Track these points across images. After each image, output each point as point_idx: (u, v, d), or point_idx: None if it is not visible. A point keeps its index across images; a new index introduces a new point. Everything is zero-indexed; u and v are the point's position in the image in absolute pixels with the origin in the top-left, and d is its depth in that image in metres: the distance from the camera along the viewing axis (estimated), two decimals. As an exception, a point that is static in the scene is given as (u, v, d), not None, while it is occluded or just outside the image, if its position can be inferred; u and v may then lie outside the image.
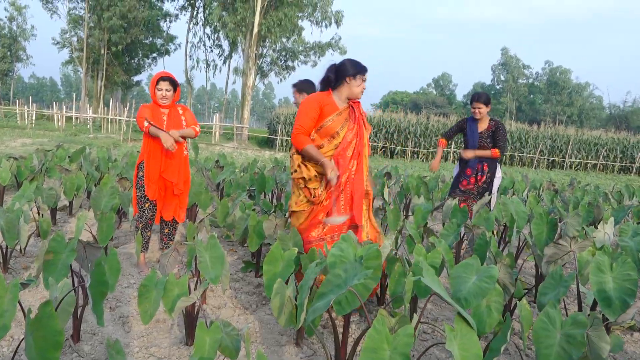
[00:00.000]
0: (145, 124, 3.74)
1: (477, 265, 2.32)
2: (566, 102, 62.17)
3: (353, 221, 3.24)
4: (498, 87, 66.90)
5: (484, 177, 4.96)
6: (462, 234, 4.35)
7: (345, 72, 3.23)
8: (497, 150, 4.88)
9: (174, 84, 3.87)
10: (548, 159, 26.84)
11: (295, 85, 4.38)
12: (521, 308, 2.31)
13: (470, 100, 5.02)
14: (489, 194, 4.96)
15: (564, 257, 3.06)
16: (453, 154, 25.17)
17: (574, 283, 2.92)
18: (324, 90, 3.37)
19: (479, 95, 4.94)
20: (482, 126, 4.97)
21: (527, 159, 26.71)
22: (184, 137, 3.94)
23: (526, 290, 3.43)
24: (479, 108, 4.87)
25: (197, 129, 4.02)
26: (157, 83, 3.83)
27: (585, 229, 4.45)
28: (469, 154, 4.96)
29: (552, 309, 1.93)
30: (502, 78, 65.25)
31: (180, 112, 3.99)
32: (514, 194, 8.88)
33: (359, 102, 3.42)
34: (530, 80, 65.96)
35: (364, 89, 3.31)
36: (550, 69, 64.23)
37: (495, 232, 5.36)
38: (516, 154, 26.54)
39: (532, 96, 66.35)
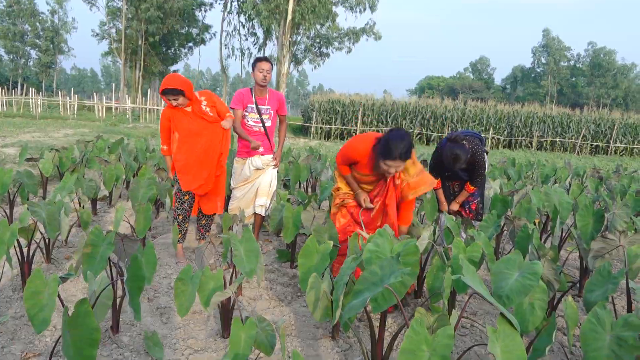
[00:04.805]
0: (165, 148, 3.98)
1: (520, 260, 2.23)
2: (611, 85, 59.76)
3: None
4: (538, 70, 64.87)
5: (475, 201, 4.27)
6: (502, 225, 4.21)
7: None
8: (471, 186, 4.10)
9: (177, 92, 3.59)
10: (591, 144, 25.93)
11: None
12: (566, 305, 2.21)
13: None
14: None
15: (612, 251, 2.92)
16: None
17: (623, 279, 2.78)
18: None
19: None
20: None
21: (569, 144, 25.88)
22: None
23: (570, 284, 3.29)
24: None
25: (228, 115, 3.94)
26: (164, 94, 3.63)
27: (633, 220, 4.25)
28: (454, 207, 4.23)
29: (601, 309, 1.83)
30: (543, 61, 63.12)
31: (204, 104, 3.80)
32: (555, 182, 8.59)
33: None
34: (572, 63, 63.57)
35: None
36: (594, 50, 61.62)
37: (536, 222, 5.19)
38: (557, 139, 25.73)
39: (574, 79, 64.04)
